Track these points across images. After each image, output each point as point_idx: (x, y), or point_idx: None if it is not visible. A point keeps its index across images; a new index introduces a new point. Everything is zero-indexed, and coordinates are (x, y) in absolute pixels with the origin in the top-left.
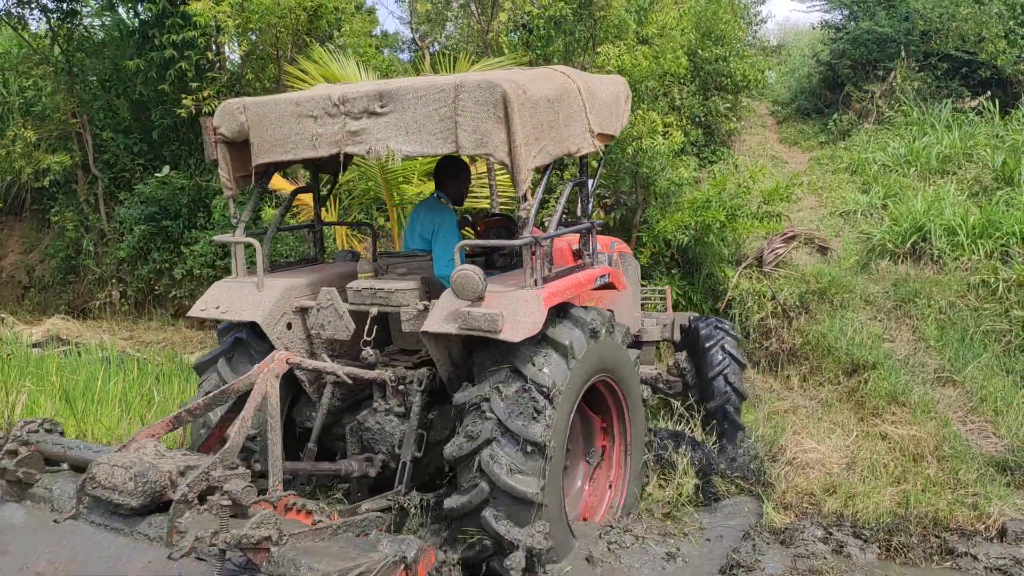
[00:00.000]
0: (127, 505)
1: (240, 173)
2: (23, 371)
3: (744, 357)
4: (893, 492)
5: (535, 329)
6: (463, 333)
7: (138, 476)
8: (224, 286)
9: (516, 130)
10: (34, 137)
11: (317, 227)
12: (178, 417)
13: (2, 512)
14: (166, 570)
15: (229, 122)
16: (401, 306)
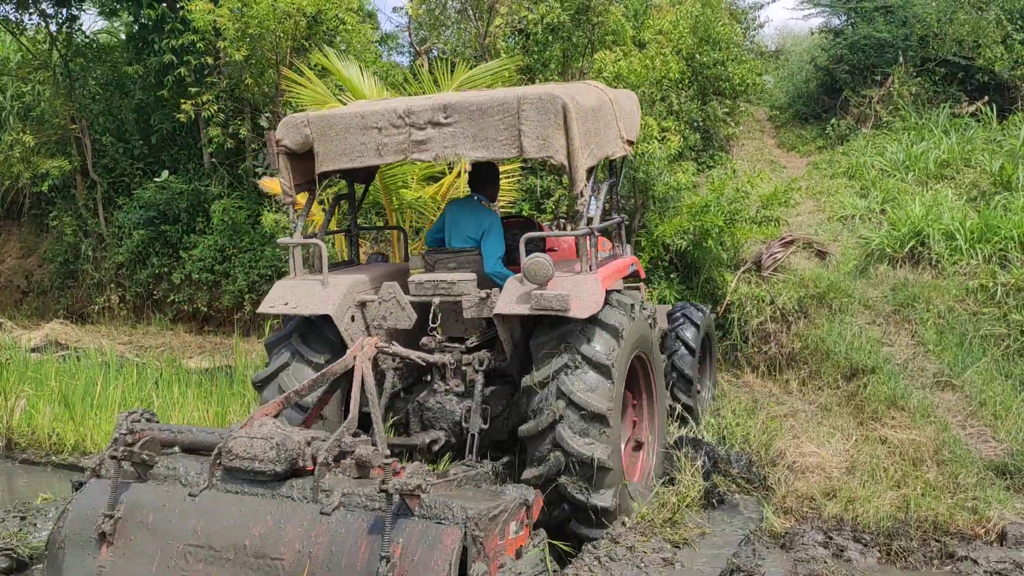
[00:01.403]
0: (269, 472)
1: (298, 181)
2: (22, 376)
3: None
4: (893, 496)
5: (597, 307)
6: (535, 313)
7: (279, 445)
8: (287, 284)
9: (574, 135)
10: (33, 142)
11: (353, 231)
12: (287, 398)
13: (133, 492)
14: (319, 525)
15: (293, 134)
16: (463, 295)
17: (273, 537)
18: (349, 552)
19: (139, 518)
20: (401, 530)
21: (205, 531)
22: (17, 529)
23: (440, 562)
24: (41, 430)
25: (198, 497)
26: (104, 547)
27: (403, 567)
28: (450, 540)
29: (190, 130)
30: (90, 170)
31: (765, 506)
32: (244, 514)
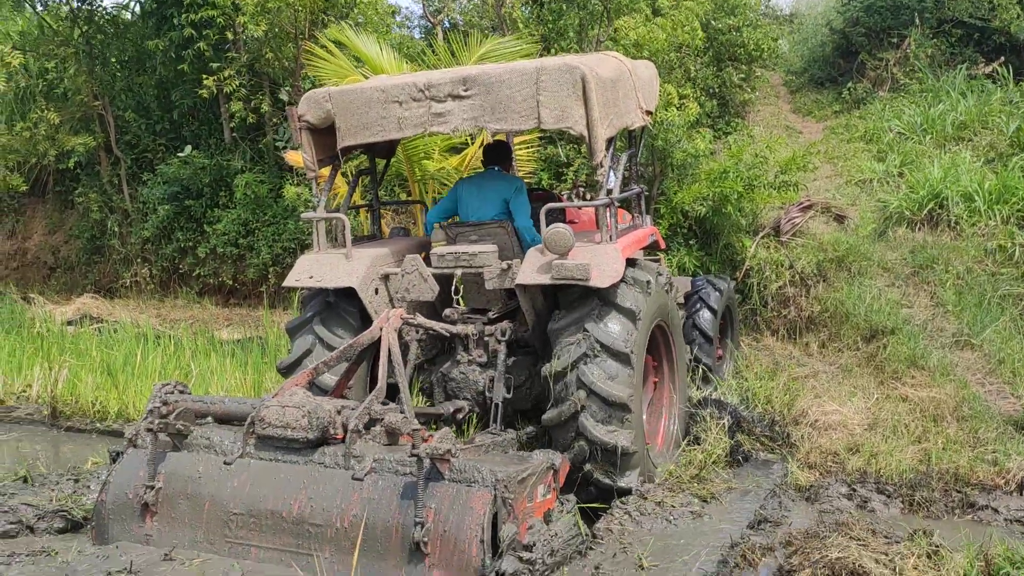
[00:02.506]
0: (301, 439)
1: (320, 156)
2: (62, 348)
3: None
4: (915, 451)
5: (617, 276)
6: (556, 282)
7: (311, 413)
8: (311, 258)
9: (593, 106)
10: (57, 119)
11: (375, 205)
12: (316, 369)
13: (171, 462)
14: (352, 490)
15: (315, 110)
16: (484, 267)
17: (308, 503)
18: (383, 517)
19: (179, 487)
20: (432, 494)
21: (243, 499)
22: (71, 491)
23: (472, 524)
24: (84, 398)
25: (233, 465)
26: (148, 516)
27: (437, 530)
28: (481, 503)
29: (211, 105)
30: (114, 146)
31: (790, 461)
32: (278, 481)
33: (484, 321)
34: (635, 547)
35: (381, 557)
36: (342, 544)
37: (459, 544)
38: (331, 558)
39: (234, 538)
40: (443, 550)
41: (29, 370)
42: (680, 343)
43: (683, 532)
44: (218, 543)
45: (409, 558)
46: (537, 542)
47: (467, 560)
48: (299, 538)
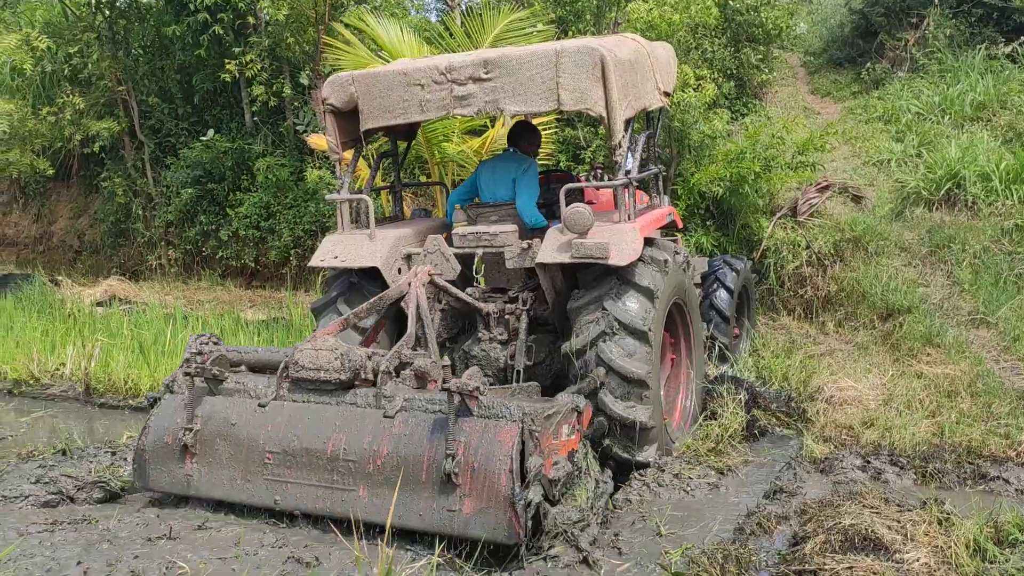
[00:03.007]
0: (334, 381)
1: (344, 138)
2: (93, 327)
3: (737, 284)
4: (928, 424)
5: (636, 255)
6: (575, 261)
7: (344, 356)
8: (335, 239)
9: (612, 87)
10: (83, 104)
11: (397, 188)
12: (347, 320)
13: (207, 406)
14: (384, 428)
15: (339, 93)
16: (505, 246)
17: (342, 441)
18: (414, 451)
19: (216, 430)
20: (462, 429)
21: (278, 439)
22: (108, 464)
23: (501, 455)
24: (116, 376)
25: (268, 407)
26: (188, 458)
27: (467, 463)
28: (508, 435)
29: (231, 90)
30: (137, 131)
31: (805, 434)
32: (312, 421)
33: (504, 299)
34: (653, 516)
35: (413, 490)
36: (375, 479)
37: (489, 475)
38: (365, 492)
39: (271, 476)
40: (473, 481)
41: (62, 349)
42: (697, 321)
43: (700, 502)
44: (255, 481)
45: (441, 490)
46: (562, 477)
47: (497, 489)
48: (333, 474)
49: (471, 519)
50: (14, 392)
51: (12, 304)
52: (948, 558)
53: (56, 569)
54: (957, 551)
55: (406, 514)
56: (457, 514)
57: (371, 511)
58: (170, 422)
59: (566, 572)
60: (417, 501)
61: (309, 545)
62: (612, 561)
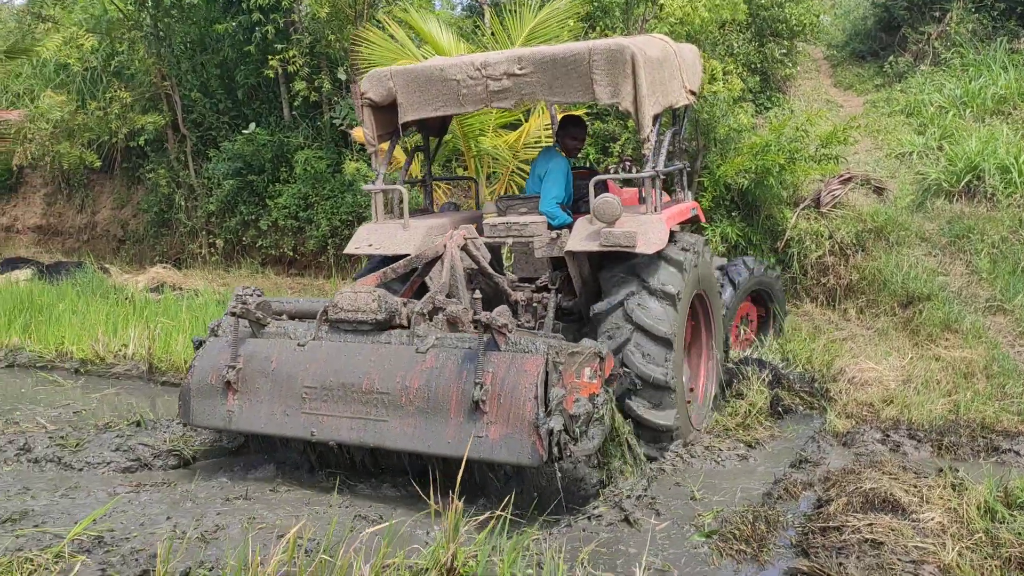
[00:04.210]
0: (371, 321)
1: (380, 131)
2: (153, 311)
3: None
4: (945, 402)
5: (662, 245)
6: (604, 249)
7: (381, 298)
8: (370, 228)
9: (641, 83)
10: (129, 98)
11: (428, 181)
12: (384, 273)
13: (250, 347)
14: (416, 363)
15: (377, 87)
16: (534, 236)
17: (376, 375)
18: (444, 384)
19: (257, 368)
20: (490, 361)
21: (315, 375)
22: (181, 434)
23: (527, 384)
24: (177, 356)
25: (306, 347)
26: (231, 394)
27: (494, 391)
28: (534, 366)
29: (271, 85)
30: (180, 125)
31: (828, 411)
32: (348, 358)
33: (532, 288)
34: (688, 482)
35: (442, 419)
36: (407, 410)
37: (515, 402)
38: (397, 423)
39: (308, 410)
40: (500, 408)
41: (124, 331)
42: (717, 311)
43: (730, 471)
44: (293, 415)
45: (468, 417)
46: (582, 415)
47: (522, 415)
48: (367, 406)
49: (497, 444)
50: (80, 371)
51: (73, 290)
52: (960, 518)
53: (147, 524)
54: (969, 512)
55: (435, 441)
56: (484, 440)
57: (402, 439)
58: (214, 362)
59: (610, 529)
60: (445, 429)
61: (373, 506)
62: (651, 521)
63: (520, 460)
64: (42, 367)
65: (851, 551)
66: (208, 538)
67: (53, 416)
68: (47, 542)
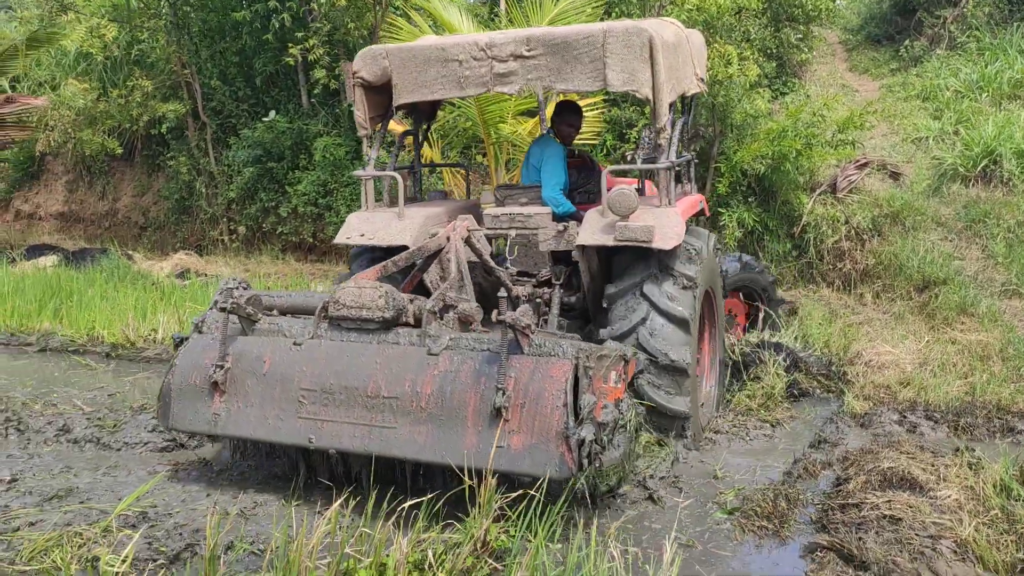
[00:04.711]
0: (378, 319)
1: (373, 113)
2: (181, 296)
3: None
4: (961, 384)
5: (679, 240)
6: (618, 244)
7: (388, 294)
8: (361, 217)
9: (659, 69)
10: (151, 86)
11: (417, 168)
12: (385, 267)
13: (240, 345)
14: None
15: (371, 66)
16: (539, 228)
17: (383, 378)
18: (460, 389)
19: (247, 368)
20: (512, 365)
21: (315, 377)
22: None
23: (554, 391)
24: None
25: (303, 346)
26: (217, 396)
27: (516, 399)
28: (561, 371)
29: (289, 73)
30: (200, 112)
31: (846, 392)
32: (351, 359)
33: (533, 283)
34: (710, 462)
35: (458, 427)
36: (418, 416)
37: (540, 410)
38: (407, 430)
39: (305, 415)
40: (523, 417)
41: (153, 316)
42: (721, 310)
43: (750, 451)
44: (288, 420)
45: (488, 425)
46: (609, 423)
47: (548, 424)
48: (373, 412)
49: (520, 455)
50: (112, 355)
51: (101, 276)
52: (977, 495)
53: (188, 500)
54: (985, 489)
55: (449, 451)
56: (505, 450)
57: (412, 448)
58: (198, 361)
59: (635, 507)
60: (461, 438)
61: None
62: (675, 499)
63: (546, 472)
64: (74, 351)
65: (870, 527)
66: (247, 514)
67: (89, 398)
68: (94, 517)
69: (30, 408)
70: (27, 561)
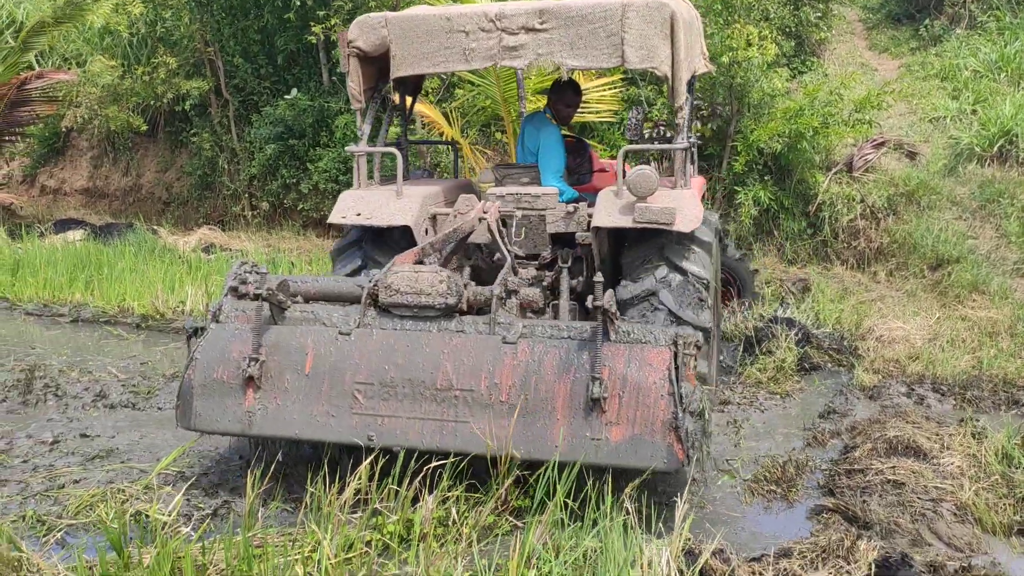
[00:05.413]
0: (439, 305)
1: (368, 86)
2: (208, 269)
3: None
4: (969, 359)
5: (697, 222)
6: (638, 226)
7: (450, 279)
8: (355, 195)
9: (680, 46)
10: (175, 64)
11: (404, 146)
12: (423, 249)
13: (273, 335)
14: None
15: (368, 35)
16: (547, 209)
17: (453, 369)
18: (545, 379)
19: (285, 361)
20: (606, 354)
21: (370, 369)
22: None
23: (657, 379)
24: None
25: (352, 336)
26: (250, 392)
27: (614, 388)
28: (660, 358)
29: (310, 50)
30: (223, 90)
31: (856, 366)
32: (413, 349)
33: (536, 266)
34: (721, 429)
35: (546, 420)
36: (497, 410)
37: (643, 400)
38: (485, 424)
39: (362, 411)
40: (623, 408)
41: (181, 288)
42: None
43: (759, 421)
44: (341, 417)
45: (582, 417)
46: (705, 408)
47: (653, 415)
48: (444, 406)
49: (621, 447)
50: (142, 326)
51: (130, 250)
52: (979, 462)
53: (221, 460)
54: (987, 457)
55: (537, 446)
56: (603, 443)
57: (492, 444)
58: (222, 354)
59: None
60: (550, 431)
61: None
62: None
63: (653, 465)
64: (105, 322)
65: (874, 490)
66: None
67: (122, 366)
68: (134, 476)
69: (67, 375)
70: (73, 515)
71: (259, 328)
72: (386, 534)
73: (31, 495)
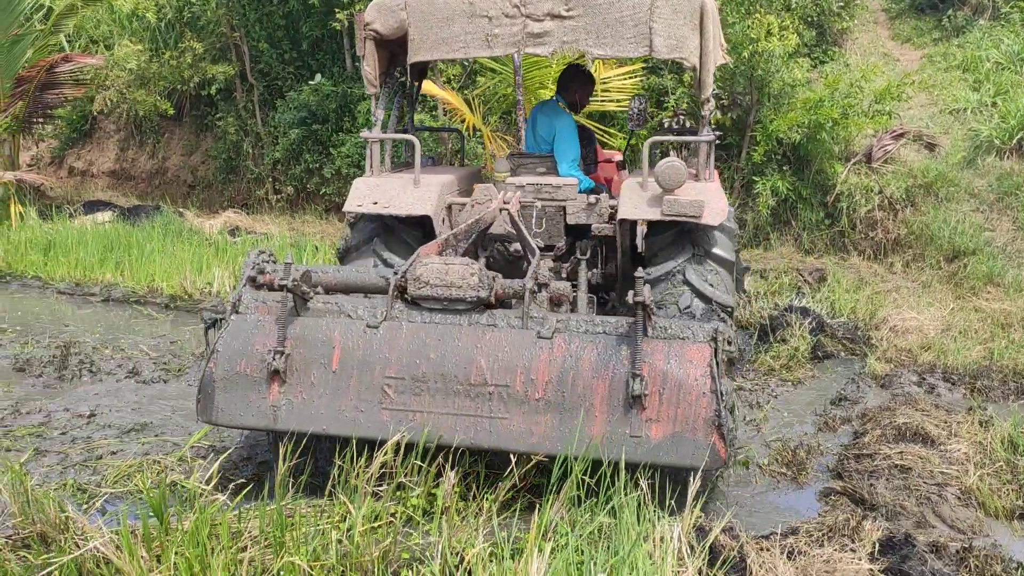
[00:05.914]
0: (471, 299)
1: (384, 70)
2: (234, 251)
3: None
4: (980, 349)
5: (723, 215)
6: (666, 218)
7: (481, 271)
8: (370, 183)
9: (708, 37)
10: (202, 49)
11: (411, 131)
12: (447, 240)
13: (297, 328)
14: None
15: (386, 18)
16: (567, 200)
17: (487, 364)
18: (583, 375)
19: (311, 354)
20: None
21: (401, 363)
22: None
23: (698, 376)
24: None
25: (380, 329)
26: (276, 386)
27: (654, 384)
28: (700, 354)
29: (334, 36)
30: (248, 75)
31: (869, 355)
32: (445, 343)
33: (553, 257)
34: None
35: (585, 416)
36: (534, 406)
37: (684, 396)
38: (521, 420)
39: (392, 406)
40: (664, 404)
41: (208, 270)
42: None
43: (772, 406)
44: (371, 412)
45: (622, 414)
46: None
47: (695, 412)
48: (478, 401)
49: (663, 445)
50: (170, 306)
51: (157, 232)
52: (985, 449)
53: (251, 435)
54: (993, 444)
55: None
56: (643, 440)
57: (528, 441)
58: (245, 346)
59: None
60: (589, 428)
61: None
62: None
63: (695, 463)
64: (135, 301)
65: (881, 474)
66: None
67: (153, 345)
68: (168, 449)
69: (100, 352)
70: (112, 484)
71: (283, 320)
72: (410, 507)
73: (70, 465)
